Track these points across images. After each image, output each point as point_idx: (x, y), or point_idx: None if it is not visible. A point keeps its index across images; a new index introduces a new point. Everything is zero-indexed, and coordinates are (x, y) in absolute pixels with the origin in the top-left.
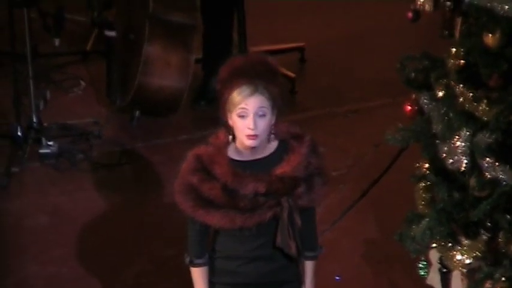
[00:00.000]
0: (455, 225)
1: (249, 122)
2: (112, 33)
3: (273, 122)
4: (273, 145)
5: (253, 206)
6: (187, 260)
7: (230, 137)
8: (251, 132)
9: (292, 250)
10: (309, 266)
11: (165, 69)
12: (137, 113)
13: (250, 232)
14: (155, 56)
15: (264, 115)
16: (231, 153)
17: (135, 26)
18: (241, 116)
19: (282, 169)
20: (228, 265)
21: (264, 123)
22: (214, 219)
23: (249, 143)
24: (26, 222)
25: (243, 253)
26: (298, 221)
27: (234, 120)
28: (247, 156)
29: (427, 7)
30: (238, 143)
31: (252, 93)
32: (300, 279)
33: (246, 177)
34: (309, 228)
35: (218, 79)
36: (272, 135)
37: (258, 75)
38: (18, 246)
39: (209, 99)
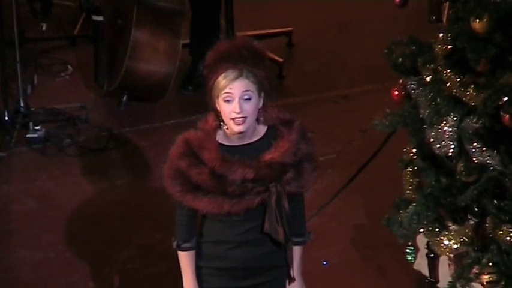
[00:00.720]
0: (442, 210)
1: (234, 106)
2: (99, 18)
3: (260, 105)
4: (262, 130)
5: (242, 192)
6: (174, 243)
7: (220, 122)
8: (237, 116)
9: (280, 236)
10: (296, 251)
11: (153, 55)
12: (125, 97)
13: (238, 217)
14: (143, 41)
15: (249, 98)
16: (220, 138)
17: (123, 11)
18: (227, 101)
19: (271, 155)
20: (216, 249)
21: (250, 107)
22: (202, 204)
23: (237, 128)
24: (13, 207)
25: (230, 238)
26: (286, 207)
27: (221, 105)
28: (236, 142)
29: None
30: (226, 129)
31: (236, 77)
32: (287, 265)
33: (235, 163)
34: (297, 214)
35: (205, 65)
36: (261, 120)
37: (243, 59)
38: (5, 231)
39: (197, 85)
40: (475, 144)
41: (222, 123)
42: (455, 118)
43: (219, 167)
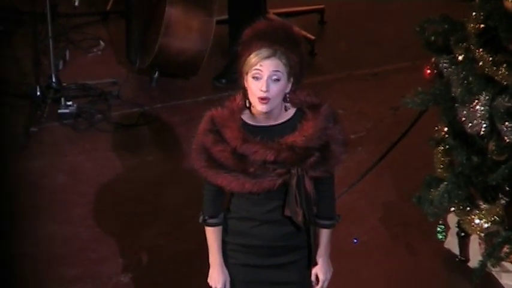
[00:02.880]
0: (473, 189)
1: (262, 83)
2: None
3: (288, 90)
4: (290, 113)
5: (263, 173)
6: (201, 218)
7: (247, 101)
8: (263, 95)
9: (299, 218)
10: (324, 233)
11: (187, 32)
12: (156, 74)
13: (260, 196)
14: (177, 18)
15: (278, 80)
16: (246, 117)
17: None
18: (255, 78)
19: (293, 138)
20: (242, 226)
21: (277, 88)
22: (225, 181)
23: (261, 107)
24: (44, 182)
25: (255, 215)
26: (308, 189)
27: (249, 82)
28: (262, 122)
29: None
30: (252, 108)
31: (269, 56)
32: (310, 246)
33: (256, 144)
34: (326, 197)
35: (240, 41)
36: (288, 104)
37: (279, 41)
38: (36, 206)
39: (231, 79)
40: (506, 123)
41: (247, 104)
42: (487, 97)
43: (239, 147)
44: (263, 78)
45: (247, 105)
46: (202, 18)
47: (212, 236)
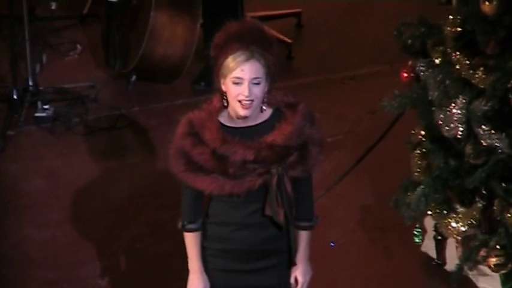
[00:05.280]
0: (450, 192)
1: (243, 89)
2: None
3: (266, 90)
4: (267, 113)
5: (243, 173)
6: (179, 224)
7: (225, 103)
8: (246, 99)
9: (280, 217)
10: (303, 235)
11: (171, 38)
12: (134, 77)
13: (239, 199)
14: (162, 24)
15: (258, 83)
16: (223, 119)
17: None
18: (236, 83)
19: (273, 137)
20: (221, 231)
21: (258, 91)
22: (204, 183)
23: (243, 112)
24: (22, 186)
25: (235, 219)
26: (288, 189)
27: (228, 86)
28: (239, 123)
29: None
30: (231, 110)
31: (247, 59)
32: (290, 250)
33: (235, 144)
34: (304, 198)
35: (213, 45)
36: (265, 103)
37: (254, 42)
38: (14, 209)
39: (210, 82)
40: (483, 126)
41: (226, 104)
42: (464, 100)
43: (219, 147)
44: (244, 84)
45: (225, 105)
46: (186, 25)
47: (191, 241)
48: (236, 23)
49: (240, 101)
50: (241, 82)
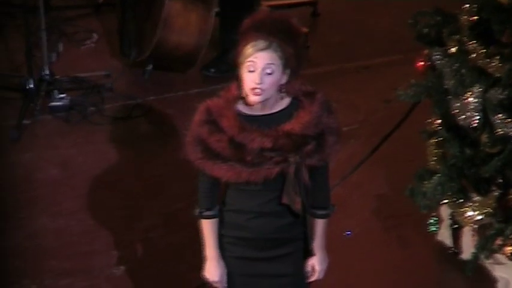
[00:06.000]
0: (466, 181)
1: (255, 76)
2: None
3: (283, 81)
4: (285, 102)
5: (260, 161)
6: (196, 211)
7: (240, 90)
8: (256, 86)
9: (297, 206)
10: (319, 224)
11: (185, 27)
12: (150, 66)
13: (256, 187)
14: (176, 12)
15: (271, 73)
16: (241, 107)
17: None
18: (250, 70)
19: (290, 126)
20: (238, 218)
21: (270, 81)
22: (221, 171)
23: (253, 98)
24: (36, 175)
25: (251, 207)
26: (305, 178)
27: (243, 73)
28: (257, 111)
29: None
30: (246, 97)
31: (263, 48)
32: (306, 238)
33: (253, 132)
34: (321, 187)
35: (239, 30)
36: (283, 93)
37: (275, 32)
38: (28, 199)
39: (219, 70)
40: (499, 115)
41: (241, 92)
42: (479, 89)
43: (237, 135)
44: (257, 71)
45: (243, 94)
46: (200, 13)
47: (208, 229)
48: (263, 13)
49: (252, 89)
50: (254, 69)
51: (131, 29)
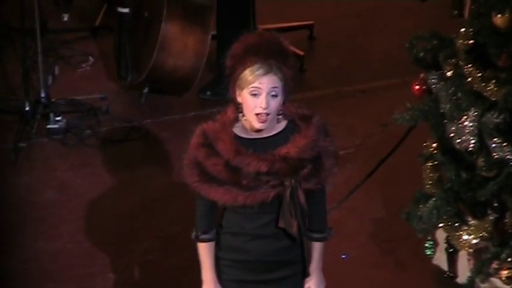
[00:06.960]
0: (462, 205)
1: (261, 101)
2: (125, 10)
3: (281, 102)
4: (281, 125)
5: (256, 184)
6: (193, 234)
7: (240, 114)
8: (263, 111)
9: (294, 229)
10: (316, 247)
11: (182, 50)
12: (146, 89)
13: (253, 210)
14: (172, 36)
15: (276, 95)
16: (237, 131)
17: (150, 4)
18: (254, 95)
19: (286, 149)
20: (234, 241)
21: (275, 104)
22: (218, 194)
23: (259, 125)
24: (33, 198)
25: (248, 230)
26: (302, 201)
27: (245, 97)
28: (254, 135)
29: None
30: (246, 122)
31: (266, 73)
32: (304, 261)
33: (249, 156)
34: (318, 210)
35: (230, 55)
36: (280, 116)
37: (273, 55)
38: (26, 222)
39: (216, 93)
40: (495, 139)
41: (241, 115)
42: (475, 113)
43: (233, 159)
44: (262, 95)
45: (241, 118)
46: (197, 36)
47: (205, 252)
48: (254, 35)
49: (257, 114)
50: (259, 93)
51: (128, 52)
